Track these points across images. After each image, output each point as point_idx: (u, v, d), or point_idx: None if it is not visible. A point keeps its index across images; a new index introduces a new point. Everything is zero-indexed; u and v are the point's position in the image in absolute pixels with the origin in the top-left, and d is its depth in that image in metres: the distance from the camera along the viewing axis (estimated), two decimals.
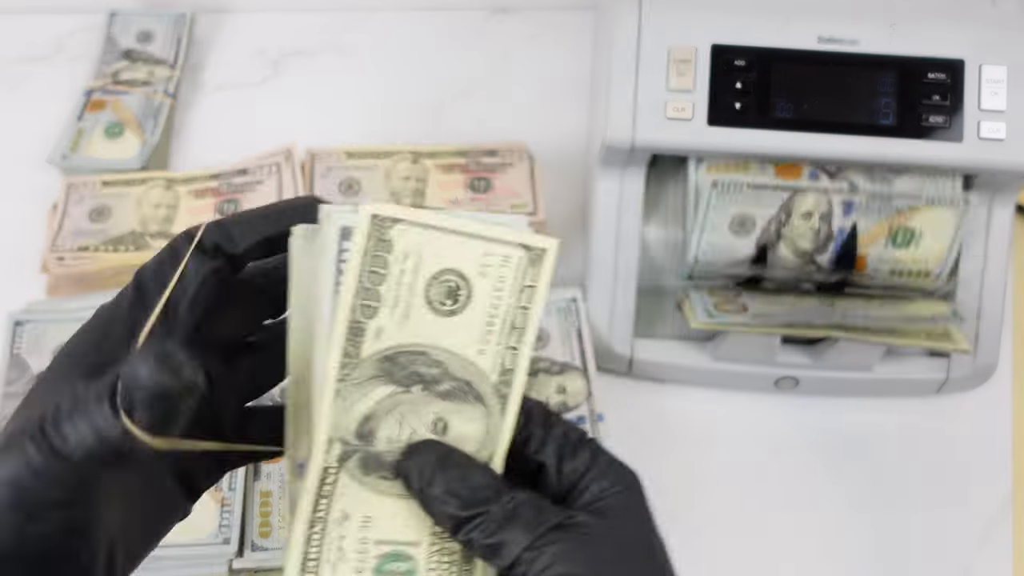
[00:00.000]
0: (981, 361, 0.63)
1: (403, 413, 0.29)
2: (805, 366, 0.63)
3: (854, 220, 0.60)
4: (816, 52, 0.57)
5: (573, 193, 0.74)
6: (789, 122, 0.57)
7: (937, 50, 0.57)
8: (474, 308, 0.30)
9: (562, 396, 0.62)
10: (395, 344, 0.29)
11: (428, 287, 0.29)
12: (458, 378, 0.30)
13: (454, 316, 0.29)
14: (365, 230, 0.28)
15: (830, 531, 0.61)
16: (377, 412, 0.29)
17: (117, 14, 0.82)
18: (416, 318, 0.29)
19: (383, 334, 0.29)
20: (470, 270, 0.29)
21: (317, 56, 0.82)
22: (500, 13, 0.85)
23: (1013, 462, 0.64)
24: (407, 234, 0.29)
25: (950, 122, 0.57)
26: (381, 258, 0.28)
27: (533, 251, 0.30)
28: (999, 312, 0.63)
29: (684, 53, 0.58)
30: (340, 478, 0.29)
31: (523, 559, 0.28)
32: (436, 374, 0.30)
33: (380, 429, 0.29)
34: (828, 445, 0.64)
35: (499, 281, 0.30)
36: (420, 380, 0.30)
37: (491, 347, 0.30)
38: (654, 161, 0.63)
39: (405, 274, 0.29)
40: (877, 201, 0.59)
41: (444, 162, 0.71)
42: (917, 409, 0.66)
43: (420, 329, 0.29)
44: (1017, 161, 0.57)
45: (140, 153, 0.73)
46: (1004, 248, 0.63)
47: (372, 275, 0.28)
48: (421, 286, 0.29)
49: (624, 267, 0.63)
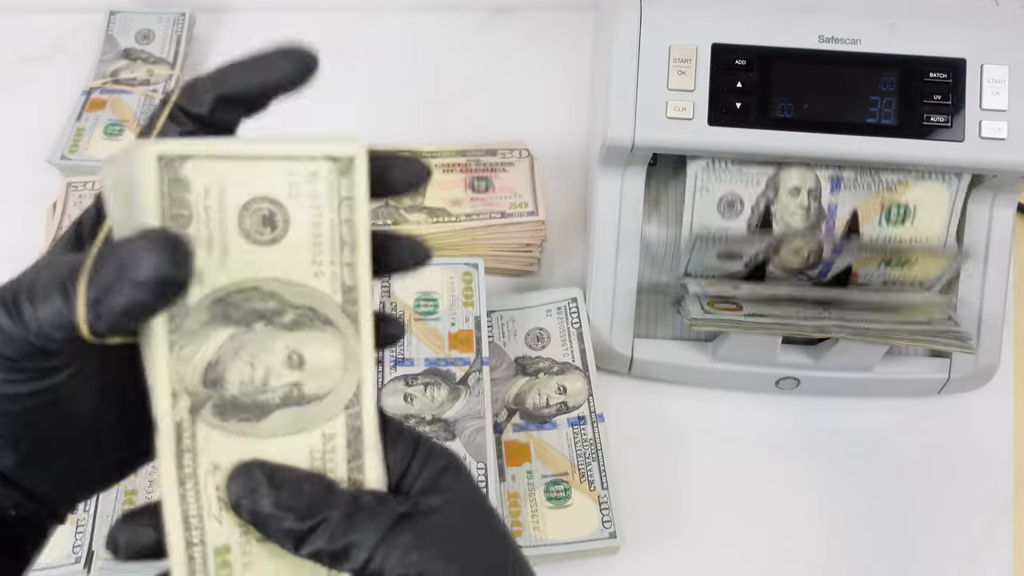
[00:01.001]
0: (983, 361, 0.63)
1: (252, 353, 0.28)
2: (806, 366, 0.63)
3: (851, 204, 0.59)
4: (817, 51, 0.57)
5: (573, 193, 0.74)
6: (790, 122, 0.57)
7: (938, 49, 0.57)
8: (295, 231, 0.28)
9: (562, 396, 0.62)
10: (221, 285, 0.27)
11: (240, 219, 0.27)
12: (299, 306, 0.28)
13: (276, 244, 0.28)
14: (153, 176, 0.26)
15: (831, 531, 0.61)
16: (222, 356, 0.28)
17: (117, 13, 0.82)
18: (236, 254, 0.27)
19: (205, 278, 0.27)
20: (279, 193, 0.28)
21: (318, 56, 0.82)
22: (500, 13, 0.85)
23: (1015, 463, 0.64)
24: (202, 169, 0.27)
25: (951, 122, 0.57)
26: (180, 199, 0.26)
27: (340, 161, 0.28)
28: (1000, 312, 0.63)
29: (684, 53, 0.57)
30: (198, 430, 0.28)
31: (376, 556, 0.27)
32: (275, 307, 0.28)
33: (229, 372, 0.28)
34: (829, 445, 0.64)
35: (312, 199, 0.28)
36: (260, 316, 0.28)
37: (325, 267, 0.28)
38: (654, 161, 0.63)
39: (211, 211, 0.27)
40: (866, 176, 0.59)
41: (444, 162, 0.71)
42: (918, 409, 0.66)
43: (244, 264, 0.27)
44: (1018, 161, 0.57)
45: None
46: (1005, 248, 0.62)
47: (175, 219, 0.26)
48: (232, 220, 0.27)
49: (624, 267, 0.63)
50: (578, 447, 0.60)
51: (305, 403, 0.29)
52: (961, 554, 0.60)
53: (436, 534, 0.28)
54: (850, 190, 0.59)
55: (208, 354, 0.27)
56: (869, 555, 0.60)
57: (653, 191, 0.64)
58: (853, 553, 0.60)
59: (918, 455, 0.64)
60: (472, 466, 0.57)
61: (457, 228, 0.67)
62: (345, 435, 0.29)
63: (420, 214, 0.68)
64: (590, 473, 0.59)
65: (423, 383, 0.60)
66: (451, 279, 0.65)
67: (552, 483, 0.59)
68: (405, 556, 0.27)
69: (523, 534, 0.57)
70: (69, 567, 0.54)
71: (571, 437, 0.60)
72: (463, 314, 0.63)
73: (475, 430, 0.58)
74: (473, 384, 0.60)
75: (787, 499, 0.62)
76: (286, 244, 0.28)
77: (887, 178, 0.59)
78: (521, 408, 0.62)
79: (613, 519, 0.57)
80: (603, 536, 0.57)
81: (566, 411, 0.61)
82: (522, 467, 0.59)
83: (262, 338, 0.28)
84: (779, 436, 0.65)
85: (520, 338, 0.65)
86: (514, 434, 0.61)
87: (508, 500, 0.58)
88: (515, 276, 0.71)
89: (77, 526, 0.55)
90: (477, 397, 0.60)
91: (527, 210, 0.68)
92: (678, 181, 0.63)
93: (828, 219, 0.60)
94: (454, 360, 0.61)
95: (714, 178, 0.59)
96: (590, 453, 0.60)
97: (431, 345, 0.62)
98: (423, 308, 0.64)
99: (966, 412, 0.66)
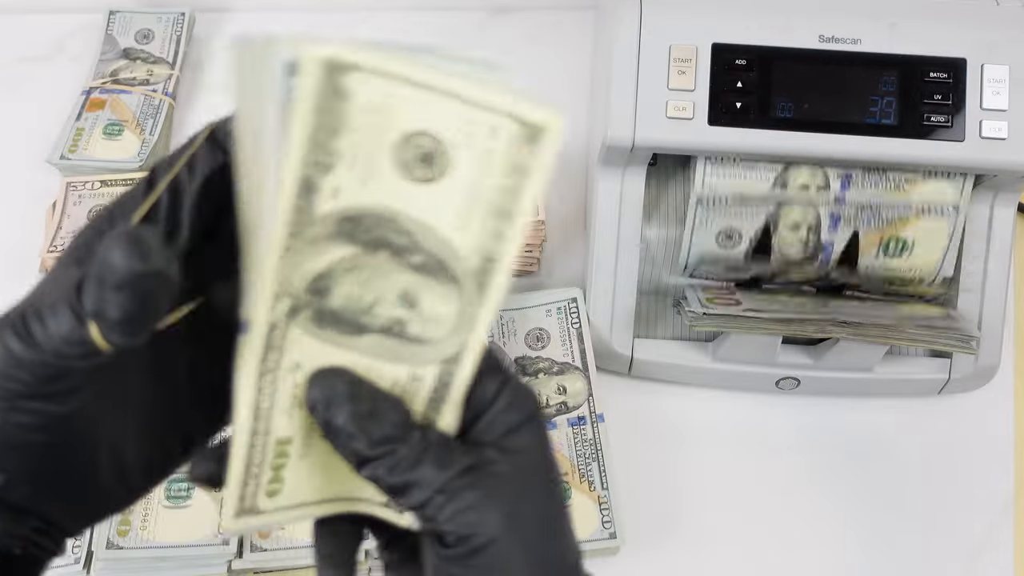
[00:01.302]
0: (983, 362, 0.63)
1: (367, 276, 0.26)
2: (806, 366, 0.63)
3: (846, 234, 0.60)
4: (817, 51, 0.57)
5: (573, 193, 0.73)
6: (790, 122, 0.57)
7: (939, 49, 0.57)
8: (454, 180, 0.25)
9: (562, 396, 0.62)
10: (357, 205, 0.25)
11: (398, 148, 0.25)
12: (432, 253, 0.26)
13: (429, 184, 0.25)
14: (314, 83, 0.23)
15: (831, 531, 0.61)
16: (335, 271, 0.26)
17: (117, 13, 0.82)
18: (383, 181, 0.25)
19: (341, 193, 0.25)
20: (449, 136, 0.25)
21: None
22: (500, 13, 0.85)
23: (1015, 463, 0.64)
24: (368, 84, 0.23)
25: (952, 121, 0.57)
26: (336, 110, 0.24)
27: (528, 127, 0.25)
28: (1000, 312, 0.63)
29: (684, 53, 0.57)
30: (290, 331, 0.26)
31: (433, 502, 0.27)
32: (406, 243, 0.26)
33: (337, 286, 0.26)
34: (829, 446, 0.64)
35: (485, 154, 0.25)
36: (388, 246, 0.26)
37: (473, 227, 0.26)
38: (654, 161, 0.63)
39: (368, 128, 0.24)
40: (867, 212, 0.59)
41: None
42: (919, 410, 0.66)
43: (388, 194, 0.25)
44: (1019, 160, 0.57)
45: (139, 153, 0.73)
46: (1006, 248, 0.62)
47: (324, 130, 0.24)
48: (389, 145, 0.24)
49: (624, 267, 0.63)
50: (578, 447, 0.60)
51: (405, 341, 0.27)
52: (962, 554, 0.60)
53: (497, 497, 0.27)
54: (852, 225, 0.60)
55: (320, 265, 0.26)
56: (869, 555, 0.60)
57: (653, 191, 0.64)
58: (853, 553, 0.60)
59: (918, 455, 0.64)
60: None
61: None
62: (433, 382, 0.28)
63: None
64: (590, 473, 0.59)
65: None
66: None
67: None
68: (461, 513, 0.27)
69: None
70: (69, 567, 0.54)
71: (571, 437, 0.60)
72: None
73: None
74: None
75: (787, 499, 0.62)
76: (440, 189, 0.25)
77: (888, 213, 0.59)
78: None
79: (613, 519, 0.57)
80: (603, 536, 0.56)
81: (566, 411, 0.61)
82: None
83: (383, 266, 0.26)
84: (779, 436, 0.65)
85: (520, 338, 0.65)
86: None
87: None
88: (515, 276, 0.70)
89: None
90: None
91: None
92: (678, 181, 0.63)
93: (825, 252, 0.60)
94: None
95: (713, 214, 0.60)
96: (590, 453, 0.60)
97: None
98: None
99: (966, 412, 0.66)
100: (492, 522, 0.27)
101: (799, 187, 0.59)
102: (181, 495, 0.56)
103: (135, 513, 0.55)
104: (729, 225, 0.60)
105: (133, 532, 0.54)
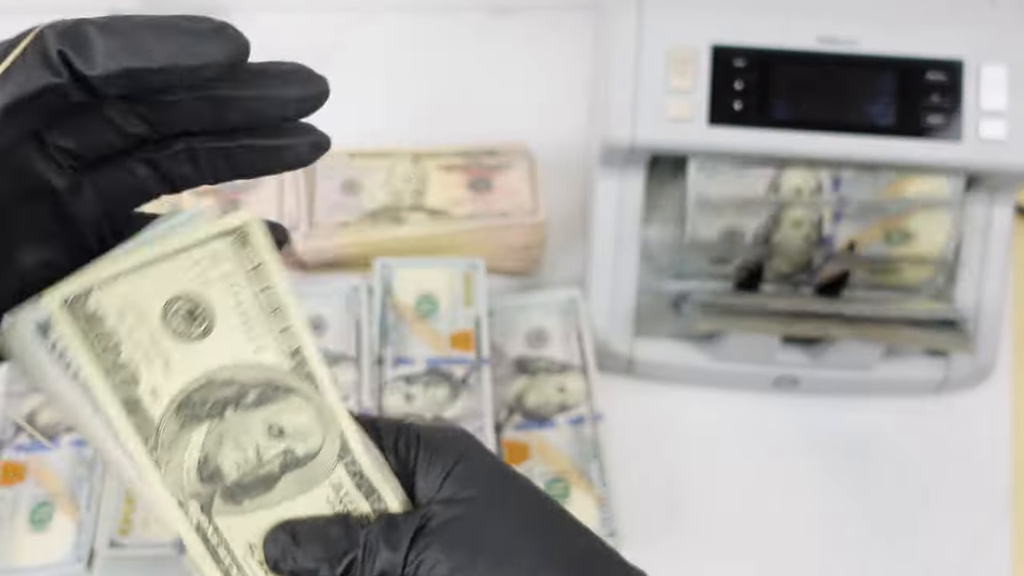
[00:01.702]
0: (980, 360, 0.63)
1: (234, 437, 0.29)
2: (805, 365, 0.63)
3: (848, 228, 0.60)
4: (816, 52, 0.57)
5: (573, 193, 0.74)
6: (789, 122, 0.57)
7: (937, 50, 0.57)
8: (222, 317, 0.28)
9: (562, 396, 0.62)
10: (175, 391, 0.28)
11: (165, 325, 0.27)
12: (257, 383, 0.29)
13: (210, 334, 0.28)
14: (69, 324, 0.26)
15: (830, 530, 0.61)
16: (208, 452, 0.28)
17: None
18: (176, 357, 0.28)
19: (159, 392, 0.27)
20: (190, 288, 0.28)
21: (317, 56, 0.82)
22: (500, 13, 0.85)
23: (1012, 461, 0.64)
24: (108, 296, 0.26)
25: (949, 122, 0.57)
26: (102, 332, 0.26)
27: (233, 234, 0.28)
28: (998, 311, 0.63)
29: (684, 53, 0.58)
30: (218, 524, 0.29)
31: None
32: (235, 392, 0.29)
33: (223, 463, 0.29)
34: (828, 444, 0.65)
35: (224, 279, 0.28)
36: (226, 404, 0.29)
37: (266, 340, 0.29)
38: (654, 161, 0.63)
39: (135, 331, 0.27)
40: (868, 208, 0.59)
41: (444, 163, 0.71)
42: (916, 408, 0.66)
43: (188, 364, 0.28)
44: (1017, 161, 0.57)
45: None
46: (1004, 248, 0.63)
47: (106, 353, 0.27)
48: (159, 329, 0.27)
49: (624, 267, 0.63)
50: (578, 447, 0.60)
51: (303, 464, 0.30)
52: (959, 552, 0.61)
53: (458, 542, 0.28)
54: (854, 220, 0.60)
55: (195, 455, 0.28)
56: (868, 553, 0.60)
57: (653, 191, 0.64)
58: (852, 552, 0.61)
59: (917, 454, 0.64)
60: None
61: (457, 229, 0.67)
62: (351, 480, 0.30)
63: (421, 214, 0.68)
64: (590, 472, 0.59)
65: (423, 382, 0.61)
66: (451, 279, 0.65)
67: (552, 482, 0.59)
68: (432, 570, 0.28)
69: None
70: (71, 566, 0.54)
71: (571, 437, 0.61)
72: (463, 314, 0.64)
73: (475, 430, 0.59)
74: (473, 384, 0.61)
75: (786, 497, 0.62)
76: (219, 332, 0.28)
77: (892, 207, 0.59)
78: (521, 408, 0.62)
79: (613, 518, 0.57)
80: (603, 535, 0.57)
81: (566, 410, 0.62)
82: (522, 467, 0.60)
83: (237, 421, 0.29)
84: (778, 435, 0.65)
85: (520, 338, 0.65)
86: (514, 434, 0.61)
87: None
88: (515, 276, 0.71)
89: (80, 525, 0.55)
90: (477, 397, 0.60)
91: (527, 210, 0.68)
92: (678, 181, 0.64)
93: (828, 242, 0.61)
94: (454, 360, 0.62)
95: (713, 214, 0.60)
96: (590, 452, 0.60)
97: (432, 345, 0.62)
98: (423, 308, 0.64)
99: (964, 411, 0.66)
100: (463, 562, 0.28)
101: (793, 190, 0.59)
102: None
103: (137, 512, 0.55)
104: (729, 225, 0.60)
105: (135, 531, 0.54)
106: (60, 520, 0.55)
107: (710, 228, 0.61)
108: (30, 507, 0.56)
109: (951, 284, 0.63)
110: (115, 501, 0.55)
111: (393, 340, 0.62)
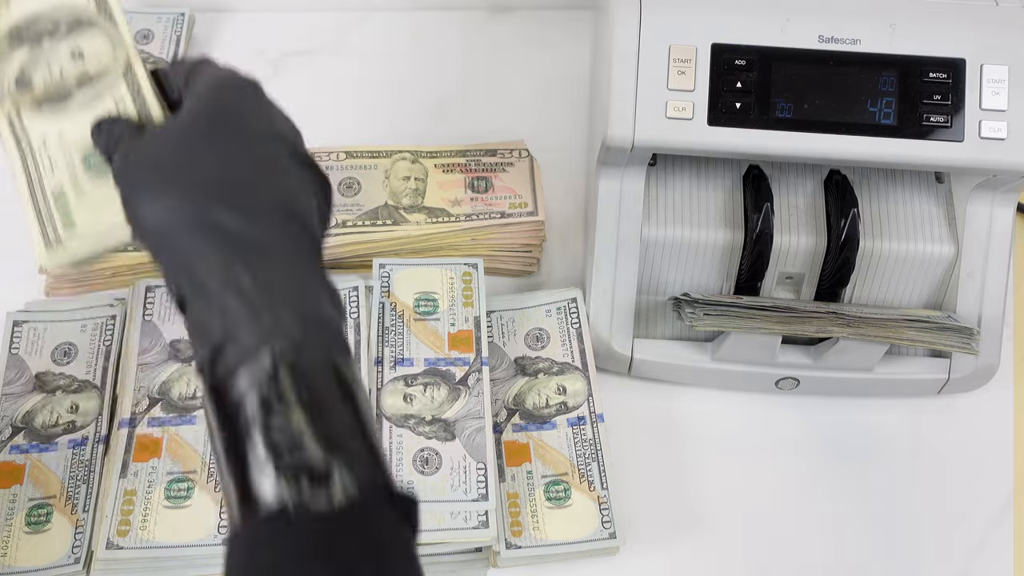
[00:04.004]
0: (982, 362, 0.63)
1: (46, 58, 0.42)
2: (805, 366, 0.63)
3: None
4: (816, 51, 0.57)
5: (573, 193, 0.74)
6: (789, 122, 0.57)
7: (938, 49, 0.57)
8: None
9: (562, 396, 0.62)
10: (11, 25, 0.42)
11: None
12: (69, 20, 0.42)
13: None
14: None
15: (830, 531, 0.61)
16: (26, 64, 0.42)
17: None
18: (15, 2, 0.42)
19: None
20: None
21: (317, 56, 0.82)
22: (500, 13, 0.85)
23: (1015, 463, 0.64)
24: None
25: (951, 122, 0.57)
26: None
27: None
28: (1000, 312, 0.63)
29: (684, 53, 0.57)
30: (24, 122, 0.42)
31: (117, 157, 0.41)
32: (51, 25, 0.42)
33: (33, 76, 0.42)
34: (828, 446, 0.64)
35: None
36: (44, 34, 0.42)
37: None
38: (654, 161, 0.63)
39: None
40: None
41: (444, 162, 0.71)
42: (918, 409, 0.66)
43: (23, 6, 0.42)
44: (1018, 161, 0.57)
45: None
46: (1005, 248, 0.62)
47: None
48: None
49: (624, 267, 0.63)
50: (578, 447, 0.60)
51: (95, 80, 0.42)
52: (961, 554, 0.60)
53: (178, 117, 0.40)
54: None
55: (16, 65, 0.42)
56: (869, 555, 0.60)
57: (653, 191, 0.64)
58: (853, 553, 0.60)
59: (918, 455, 0.64)
60: (472, 466, 0.57)
61: (457, 228, 0.67)
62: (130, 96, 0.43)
63: (420, 214, 0.68)
64: (590, 473, 0.59)
65: (423, 383, 0.60)
66: (451, 279, 0.65)
67: (552, 483, 0.59)
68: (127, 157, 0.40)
69: (523, 534, 0.57)
70: (68, 567, 0.54)
71: (571, 437, 0.60)
72: (463, 314, 0.63)
73: (475, 430, 0.58)
74: (473, 384, 0.60)
75: (786, 499, 0.62)
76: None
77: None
78: (521, 408, 0.62)
79: (613, 519, 0.57)
80: (603, 536, 0.57)
81: (566, 411, 0.61)
82: (522, 467, 0.59)
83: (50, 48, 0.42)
84: (779, 436, 0.65)
85: (520, 338, 0.65)
86: (514, 434, 0.61)
87: (508, 500, 0.58)
88: (515, 276, 0.71)
89: (76, 526, 0.55)
90: (477, 397, 0.60)
91: (527, 210, 0.68)
92: (678, 181, 0.64)
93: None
94: (454, 360, 0.61)
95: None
96: (590, 453, 0.60)
97: (431, 345, 0.62)
98: (423, 308, 0.64)
99: (966, 412, 0.66)
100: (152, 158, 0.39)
101: None
102: (181, 495, 0.56)
103: (135, 513, 0.55)
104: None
105: (133, 532, 0.54)
106: (58, 521, 0.55)
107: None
108: (28, 508, 0.56)
109: (953, 285, 0.63)
110: (112, 502, 0.55)
111: (392, 341, 0.62)
